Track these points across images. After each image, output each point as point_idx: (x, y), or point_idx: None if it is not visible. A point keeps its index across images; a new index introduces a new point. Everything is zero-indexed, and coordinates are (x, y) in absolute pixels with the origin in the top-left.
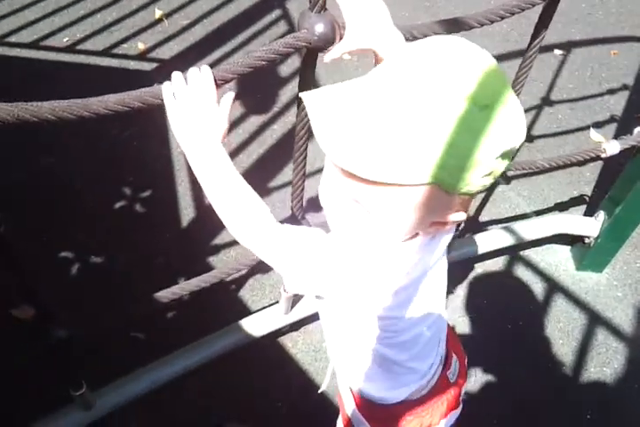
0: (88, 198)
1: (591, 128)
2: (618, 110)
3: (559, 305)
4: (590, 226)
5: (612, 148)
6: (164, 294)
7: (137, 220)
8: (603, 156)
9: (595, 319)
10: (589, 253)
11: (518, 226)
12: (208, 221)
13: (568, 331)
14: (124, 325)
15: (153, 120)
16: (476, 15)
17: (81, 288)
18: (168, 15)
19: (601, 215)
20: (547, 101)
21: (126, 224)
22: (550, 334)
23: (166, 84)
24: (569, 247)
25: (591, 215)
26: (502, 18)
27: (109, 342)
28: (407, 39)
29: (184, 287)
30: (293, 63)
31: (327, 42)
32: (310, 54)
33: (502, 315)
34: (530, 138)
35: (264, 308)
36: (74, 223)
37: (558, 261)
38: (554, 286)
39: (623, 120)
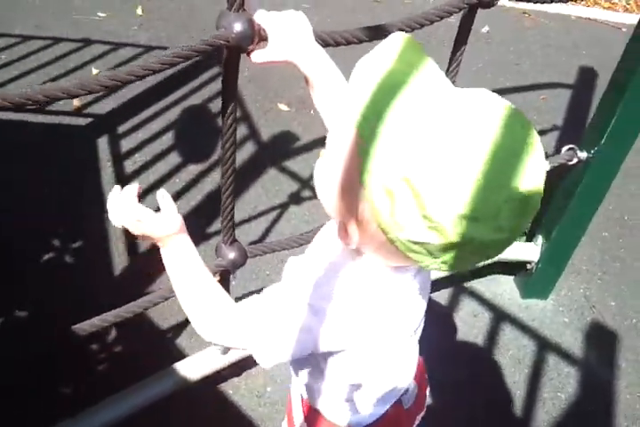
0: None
1: None
2: (550, 147)
3: (508, 333)
4: (530, 251)
5: None
6: (83, 326)
7: (69, 269)
8: None
9: (544, 345)
10: (532, 280)
11: None
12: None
13: (519, 358)
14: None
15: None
16: (395, 22)
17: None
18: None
19: (539, 240)
20: None
21: (59, 273)
22: (501, 363)
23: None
24: (512, 277)
25: (530, 241)
26: (422, 25)
27: (36, 395)
28: (330, 44)
29: (105, 318)
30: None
31: (246, 40)
32: (231, 54)
33: (451, 345)
34: None
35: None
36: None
37: (503, 290)
38: (501, 315)
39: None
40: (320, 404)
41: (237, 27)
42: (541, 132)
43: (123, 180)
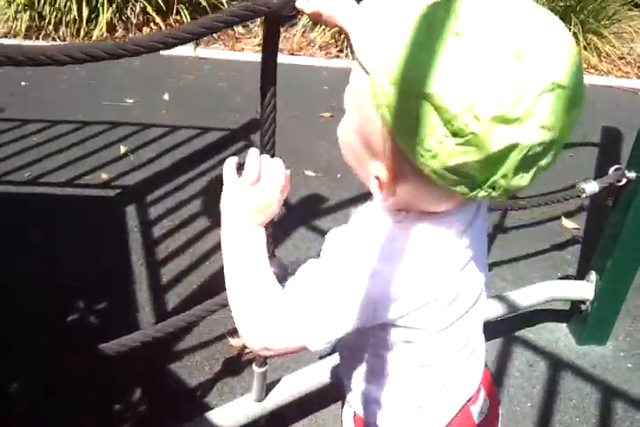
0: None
1: (562, 217)
2: (585, 200)
3: (568, 382)
4: (584, 289)
5: (591, 187)
6: (111, 346)
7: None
8: (583, 196)
9: (609, 393)
10: (588, 325)
11: (511, 294)
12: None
13: (583, 408)
14: None
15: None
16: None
17: None
18: (133, 151)
19: (592, 276)
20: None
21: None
22: (565, 413)
23: (232, 159)
24: (565, 324)
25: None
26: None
27: None
28: None
29: (134, 338)
30: None
31: (286, 6)
32: (271, 21)
33: (509, 397)
34: (504, 230)
35: None
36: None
37: (557, 337)
38: (558, 364)
39: (593, 207)
40: (377, 417)
41: None
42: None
43: (150, 244)
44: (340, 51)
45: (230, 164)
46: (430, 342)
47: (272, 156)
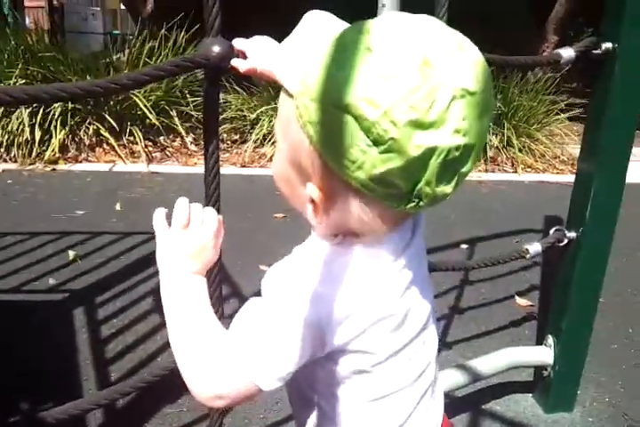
0: None
1: (515, 296)
2: (535, 279)
3: None
4: (543, 354)
5: (534, 248)
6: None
7: None
8: (527, 256)
9: None
10: (553, 392)
11: (471, 363)
12: None
13: None
14: None
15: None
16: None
17: None
18: (82, 257)
19: (550, 340)
20: (467, 281)
21: None
22: None
23: (161, 209)
24: (530, 394)
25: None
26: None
27: None
28: None
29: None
30: None
31: (225, 60)
32: (211, 73)
33: None
34: (460, 311)
35: None
36: None
37: (524, 407)
38: None
39: (543, 286)
40: None
41: (216, 49)
42: (523, 268)
43: (98, 343)
44: None
45: (159, 214)
46: (383, 370)
47: (218, 210)
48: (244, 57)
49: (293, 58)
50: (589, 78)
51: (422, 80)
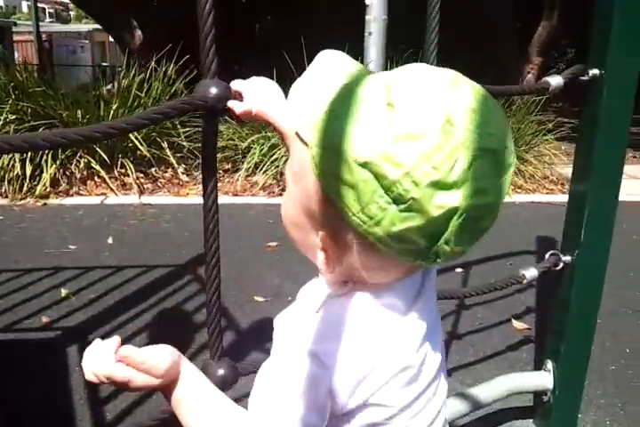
0: None
1: (512, 319)
2: (531, 302)
3: None
4: (543, 378)
5: (531, 273)
6: None
7: None
8: (524, 282)
9: None
10: (554, 416)
11: (471, 391)
12: None
13: None
14: None
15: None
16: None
17: None
18: (75, 293)
19: (549, 364)
20: (463, 306)
21: None
22: None
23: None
24: (531, 420)
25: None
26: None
27: None
28: None
29: None
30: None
31: (222, 101)
32: (209, 115)
33: None
34: (458, 336)
35: None
36: None
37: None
38: None
39: (539, 309)
40: None
41: (214, 90)
42: (518, 291)
43: (91, 383)
44: (282, 190)
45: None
46: (396, 422)
47: (217, 248)
48: (241, 98)
49: (307, 103)
50: (575, 98)
51: (445, 140)
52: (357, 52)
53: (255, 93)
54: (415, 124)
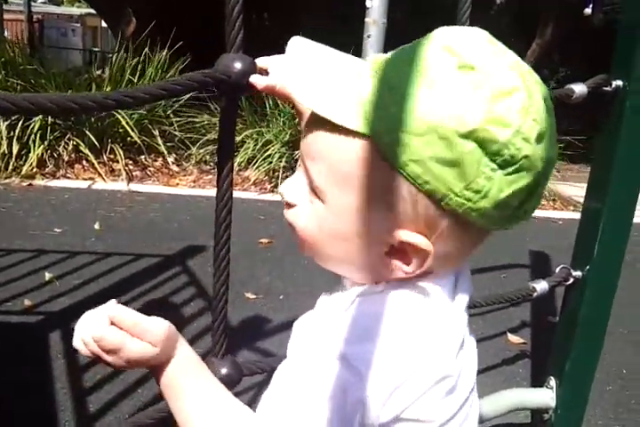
0: None
1: (507, 333)
2: (526, 316)
3: None
4: (544, 396)
5: (541, 286)
6: None
7: None
8: (534, 295)
9: None
10: None
11: None
12: None
13: None
14: None
15: None
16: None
17: None
18: (59, 277)
19: (552, 381)
20: None
21: None
22: None
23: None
24: None
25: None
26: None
27: None
28: None
29: None
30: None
31: (246, 77)
32: (231, 90)
33: None
34: None
35: None
36: None
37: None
38: None
39: (534, 323)
40: None
41: (238, 65)
42: (513, 305)
43: (76, 371)
44: (275, 186)
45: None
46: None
47: (228, 236)
48: (267, 75)
49: (345, 92)
50: (574, 118)
51: (527, 92)
52: (356, 54)
53: (281, 69)
54: (503, 80)
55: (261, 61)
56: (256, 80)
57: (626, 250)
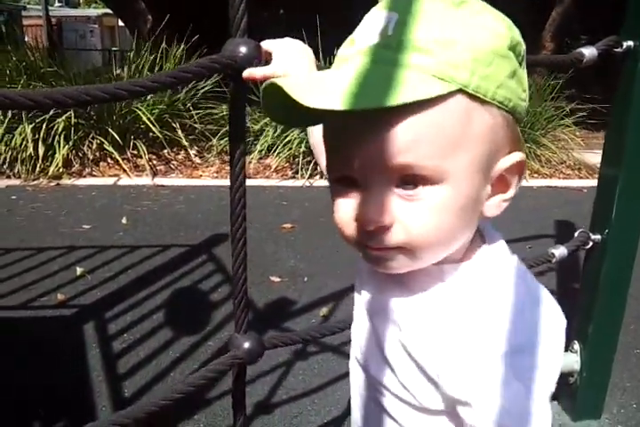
0: None
1: None
2: (552, 284)
3: None
4: (569, 359)
5: (560, 251)
6: None
7: None
8: (553, 260)
9: None
10: (580, 399)
11: None
12: None
13: None
14: None
15: None
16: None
17: None
18: (90, 271)
19: (576, 345)
20: None
21: None
22: None
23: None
24: (555, 402)
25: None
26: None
27: None
28: None
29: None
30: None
31: (252, 61)
32: (238, 75)
33: None
34: None
35: None
36: None
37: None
38: None
39: (559, 293)
40: None
41: (243, 49)
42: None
43: (110, 359)
44: (296, 172)
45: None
46: None
47: (243, 217)
48: (270, 59)
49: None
50: (586, 85)
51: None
52: None
53: (285, 54)
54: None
55: (266, 45)
56: (251, 72)
57: None
